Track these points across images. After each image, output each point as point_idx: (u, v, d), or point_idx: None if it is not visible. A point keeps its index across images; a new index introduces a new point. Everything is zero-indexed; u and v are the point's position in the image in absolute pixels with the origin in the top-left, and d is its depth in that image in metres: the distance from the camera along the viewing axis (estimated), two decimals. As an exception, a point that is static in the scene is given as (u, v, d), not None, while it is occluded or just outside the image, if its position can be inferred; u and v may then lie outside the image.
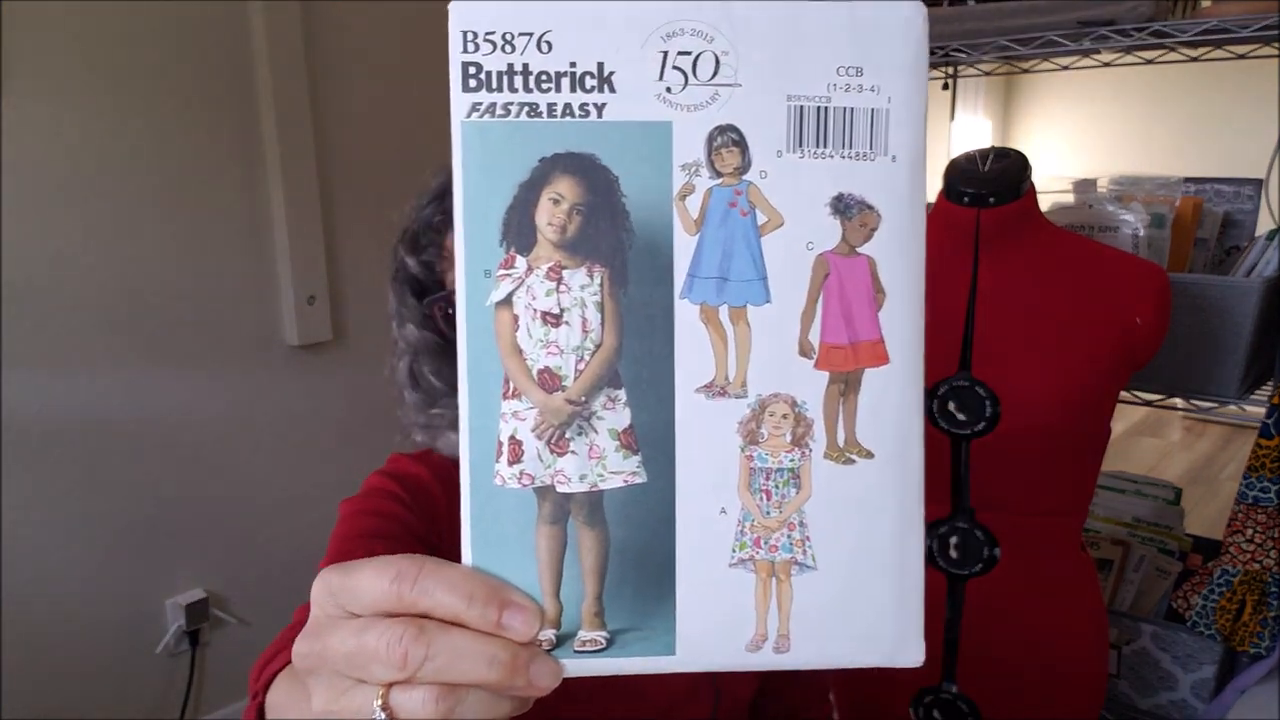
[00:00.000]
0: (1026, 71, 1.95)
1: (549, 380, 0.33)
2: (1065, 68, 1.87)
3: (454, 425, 0.74)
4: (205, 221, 2.03)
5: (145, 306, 1.93)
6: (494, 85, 0.33)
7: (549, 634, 0.34)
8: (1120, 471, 1.76)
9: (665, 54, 0.33)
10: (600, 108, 0.33)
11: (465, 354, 0.33)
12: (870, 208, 0.34)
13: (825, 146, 0.33)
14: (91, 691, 1.96)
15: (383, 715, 0.32)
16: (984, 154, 1.16)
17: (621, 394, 0.34)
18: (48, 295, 1.81)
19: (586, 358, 0.34)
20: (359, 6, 2.24)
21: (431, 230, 0.75)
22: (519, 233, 0.33)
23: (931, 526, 1.21)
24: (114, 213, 1.88)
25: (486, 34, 0.33)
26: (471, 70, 0.33)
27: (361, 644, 0.32)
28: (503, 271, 0.33)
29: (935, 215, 1.21)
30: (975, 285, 1.15)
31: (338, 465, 2.28)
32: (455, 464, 0.51)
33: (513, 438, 0.34)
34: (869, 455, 0.35)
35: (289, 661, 0.40)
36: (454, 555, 0.37)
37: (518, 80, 0.33)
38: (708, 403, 0.34)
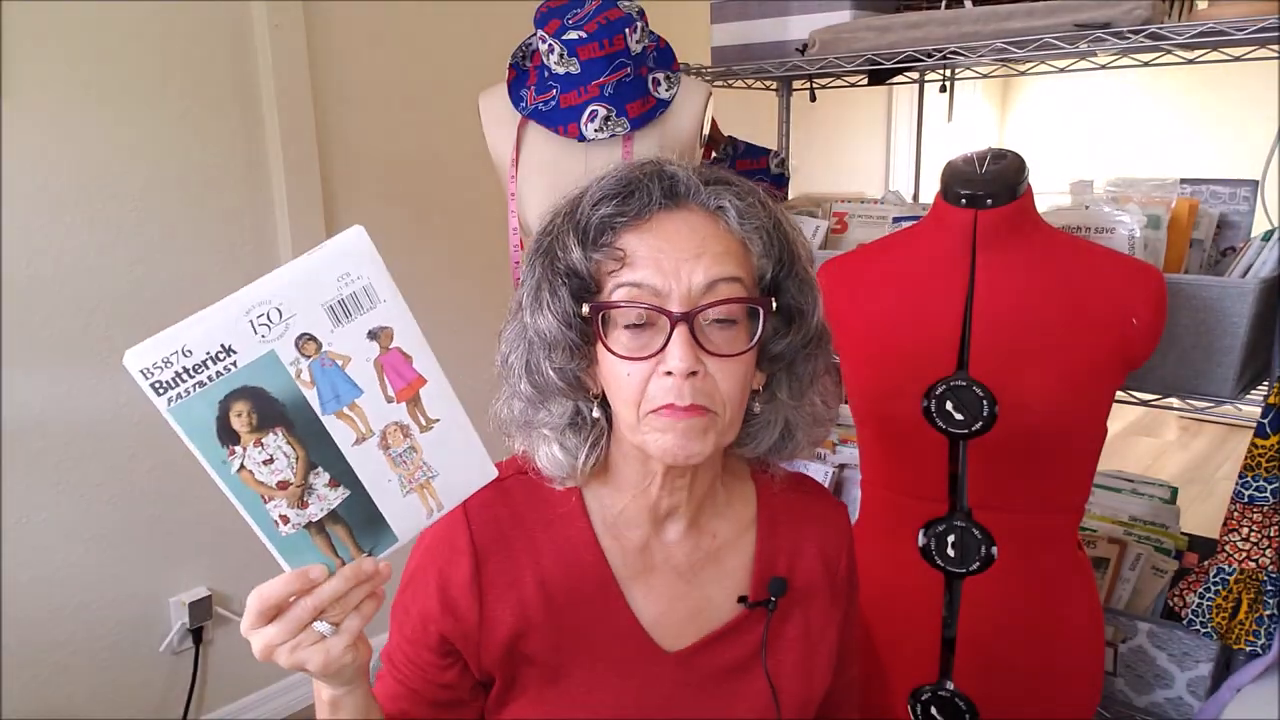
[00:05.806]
0: (1024, 74, 1.96)
1: (284, 485, 0.64)
2: (1062, 70, 1.88)
3: (560, 440, 0.80)
4: (208, 221, 2.04)
5: (147, 306, 1.94)
6: (173, 384, 0.60)
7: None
8: (1117, 471, 1.76)
9: (252, 321, 0.61)
10: (234, 363, 0.61)
11: (236, 499, 0.63)
12: (386, 329, 0.65)
13: (350, 318, 0.64)
14: (95, 690, 1.97)
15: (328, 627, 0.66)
16: (981, 156, 1.17)
17: (321, 469, 0.65)
18: (49, 295, 1.82)
19: (297, 465, 0.64)
20: (362, 7, 2.25)
21: (609, 229, 0.74)
22: (228, 435, 0.62)
23: (929, 525, 1.22)
24: (116, 212, 1.89)
25: (154, 363, 0.59)
26: (157, 386, 0.59)
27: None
28: (231, 455, 0.62)
29: (933, 216, 1.22)
30: (973, 286, 1.16)
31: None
32: (541, 482, 0.82)
33: (282, 514, 0.65)
34: (438, 421, 0.68)
35: None
36: (499, 615, 0.80)
37: (184, 374, 0.60)
38: (358, 446, 0.66)
